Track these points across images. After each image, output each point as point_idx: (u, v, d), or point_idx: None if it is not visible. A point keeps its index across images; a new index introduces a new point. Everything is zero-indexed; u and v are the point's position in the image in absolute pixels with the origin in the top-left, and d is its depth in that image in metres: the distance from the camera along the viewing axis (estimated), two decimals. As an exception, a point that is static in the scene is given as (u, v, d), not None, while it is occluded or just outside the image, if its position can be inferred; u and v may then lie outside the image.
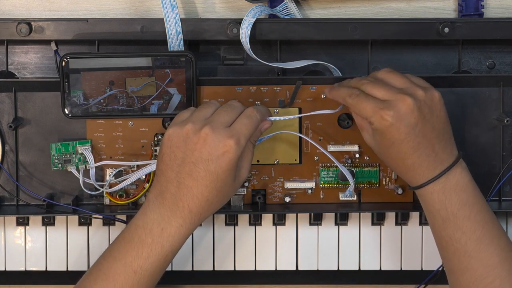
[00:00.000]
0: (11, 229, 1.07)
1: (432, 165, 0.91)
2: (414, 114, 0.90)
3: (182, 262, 1.07)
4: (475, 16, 1.06)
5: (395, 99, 0.91)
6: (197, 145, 0.89)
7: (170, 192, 0.90)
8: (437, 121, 0.92)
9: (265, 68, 1.06)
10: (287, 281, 1.08)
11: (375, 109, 0.91)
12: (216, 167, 0.89)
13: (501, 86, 1.03)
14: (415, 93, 0.91)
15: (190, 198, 0.89)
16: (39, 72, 1.07)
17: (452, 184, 0.92)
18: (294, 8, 1.07)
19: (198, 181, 0.89)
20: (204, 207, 0.90)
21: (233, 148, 0.89)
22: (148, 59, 0.99)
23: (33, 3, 1.08)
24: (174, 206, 0.90)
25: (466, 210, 0.91)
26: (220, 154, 0.89)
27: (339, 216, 1.07)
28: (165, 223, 0.90)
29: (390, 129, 0.90)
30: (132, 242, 0.90)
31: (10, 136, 1.04)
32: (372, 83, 0.93)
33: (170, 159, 0.90)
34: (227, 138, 0.89)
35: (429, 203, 0.93)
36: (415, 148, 0.91)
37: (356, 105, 0.93)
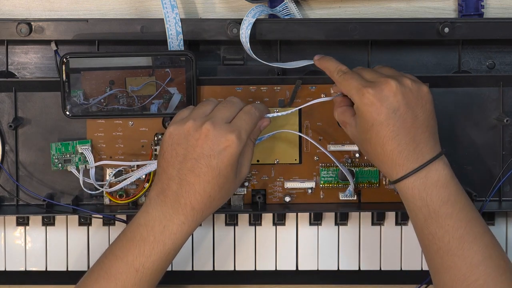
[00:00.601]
0: (11, 229, 1.07)
1: (412, 156, 0.90)
2: (397, 97, 0.90)
3: (182, 262, 1.07)
4: (475, 16, 1.07)
5: (380, 81, 0.91)
6: (198, 141, 0.89)
7: (172, 189, 0.90)
8: (421, 111, 0.91)
9: (265, 68, 1.06)
10: (287, 281, 1.08)
11: (358, 86, 0.91)
12: (218, 162, 0.89)
13: (501, 86, 1.04)
14: (402, 80, 0.91)
15: (193, 195, 0.89)
16: (39, 72, 1.07)
17: (434, 180, 0.90)
18: (294, 8, 1.07)
19: (200, 177, 0.89)
20: (206, 204, 0.90)
21: (235, 142, 0.89)
22: (148, 59, 0.99)
23: (33, 3, 1.08)
24: (176, 203, 0.90)
25: (449, 208, 0.90)
26: (222, 149, 0.89)
27: (339, 216, 1.07)
28: (167, 220, 0.90)
29: (370, 108, 0.90)
30: (134, 240, 0.90)
31: (10, 136, 1.04)
32: (364, 68, 0.95)
33: (172, 156, 0.90)
34: (229, 132, 0.89)
35: (410, 200, 0.92)
36: (395, 132, 0.90)
37: (342, 82, 0.94)
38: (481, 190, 1.03)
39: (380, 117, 0.90)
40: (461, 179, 1.03)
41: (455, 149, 1.04)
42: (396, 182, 0.92)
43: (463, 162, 1.04)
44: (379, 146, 0.91)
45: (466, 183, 1.04)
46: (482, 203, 1.01)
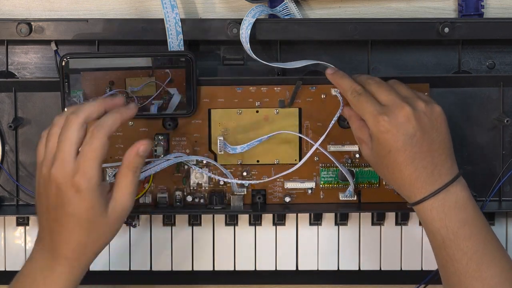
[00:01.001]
0: (11, 229, 1.07)
1: (430, 178, 0.90)
2: (412, 123, 0.90)
3: (182, 262, 1.07)
4: (475, 16, 1.07)
5: (394, 106, 0.91)
6: (51, 191, 0.85)
7: (46, 239, 0.87)
8: (436, 134, 0.91)
9: (265, 68, 1.06)
10: (287, 281, 1.08)
11: (373, 113, 0.91)
12: (74, 208, 0.84)
13: (501, 86, 1.04)
14: (415, 103, 0.91)
15: (63, 245, 0.86)
16: (39, 72, 1.07)
17: (452, 201, 0.90)
18: (294, 8, 1.07)
19: (63, 226, 0.85)
20: (79, 251, 0.86)
21: (82, 183, 0.83)
22: (148, 59, 0.99)
23: (33, 3, 1.08)
24: (51, 253, 0.86)
25: (467, 229, 0.90)
26: (72, 195, 0.83)
27: (339, 216, 1.07)
28: (47, 271, 0.86)
29: (386, 136, 0.90)
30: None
31: (10, 136, 1.04)
32: (378, 84, 0.93)
33: (40, 206, 0.87)
34: (73, 176, 0.83)
35: (428, 221, 0.91)
36: (412, 158, 0.90)
37: (356, 104, 0.93)
38: (481, 190, 1.03)
39: (397, 144, 0.90)
40: (461, 179, 1.03)
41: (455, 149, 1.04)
42: (415, 204, 0.92)
43: (463, 162, 1.04)
44: (397, 171, 0.91)
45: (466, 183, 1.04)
46: (482, 203, 1.01)
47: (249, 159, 1.03)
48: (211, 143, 1.02)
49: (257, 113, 1.02)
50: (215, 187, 1.03)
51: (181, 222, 1.07)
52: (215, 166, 1.02)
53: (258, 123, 1.02)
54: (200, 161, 1.02)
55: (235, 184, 1.02)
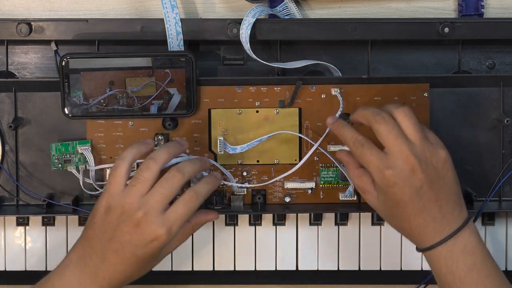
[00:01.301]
0: (11, 229, 1.07)
1: (439, 227, 0.90)
2: (418, 176, 0.89)
3: (182, 262, 1.07)
4: (475, 16, 1.06)
5: (400, 158, 0.88)
6: (128, 228, 0.88)
7: (93, 262, 0.89)
8: (443, 182, 0.90)
9: (265, 68, 1.06)
10: (287, 281, 1.08)
11: (378, 166, 0.89)
12: (143, 252, 0.89)
13: (501, 86, 1.03)
14: (422, 153, 0.89)
15: (112, 273, 0.89)
16: (39, 72, 1.07)
17: (460, 247, 0.90)
18: (294, 8, 1.07)
19: (123, 261, 0.89)
20: (124, 281, 0.90)
21: (163, 237, 0.88)
22: (148, 59, 0.99)
23: (33, 3, 1.08)
24: (95, 275, 0.89)
25: (474, 275, 0.89)
26: (149, 242, 0.88)
27: (339, 216, 1.07)
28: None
29: (393, 189, 0.89)
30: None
31: (10, 136, 1.04)
32: (385, 125, 0.90)
33: (100, 231, 0.89)
34: (159, 227, 0.88)
35: (435, 267, 0.91)
36: (420, 210, 0.89)
37: (360, 155, 0.91)
38: (481, 190, 1.03)
39: (404, 198, 0.89)
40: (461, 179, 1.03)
41: (455, 149, 1.04)
42: (423, 251, 0.91)
43: (463, 162, 1.04)
44: (405, 222, 0.91)
45: (466, 183, 1.04)
46: (482, 203, 1.01)
47: (249, 159, 1.03)
48: (211, 143, 1.02)
49: (257, 113, 1.02)
50: (215, 187, 1.03)
51: (181, 222, 1.07)
52: (215, 166, 1.02)
53: (258, 123, 1.02)
54: (200, 161, 1.02)
55: (235, 185, 1.02)
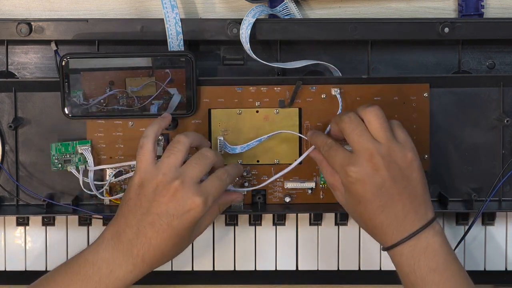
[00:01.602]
0: (11, 229, 1.07)
1: (401, 226, 0.90)
2: (381, 173, 0.90)
3: (182, 262, 1.07)
4: (475, 16, 1.07)
5: (363, 155, 0.90)
6: (165, 198, 0.89)
7: (127, 236, 0.90)
8: (408, 182, 0.91)
9: (265, 68, 1.06)
10: (287, 281, 1.08)
11: (342, 164, 0.91)
12: (179, 223, 0.89)
13: (501, 86, 1.03)
14: (387, 152, 0.90)
15: (146, 248, 0.90)
16: (39, 72, 1.07)
17: (422, 248, 0.90)
18: (294, 8, 1.07)
19: (158, 233, 0.89)
20: (157, 259, 0.91)
21: (200, 207, 0.90)
22: (148, 59, 0.99)
23: (33, 3, 1.08)
24: (128, 251, 0.90)
25: (436, 276, 0.89)
26: (186, 211, 0.89)
27: (339, 216, 1.07)
28: (115, 265, 0.90)
29: (355, 186, 0.90)
30: (79, 275, 0.90)
31: (10, 136, 1.04)
32: (349, 123, 0.92)
33: (136, 206, 0.90)
34: (196, 195, 0.89)
35: (398, 265, 0.92)
36: (382, 207, 0.90)
37: (328, 157, 0.94)
38: (481, 190, 1.03)
39: (367, 195, 0.90)
40: (461, 179, 1.03)
41: (455, 149, 1.04)
42: (387, 250, 0.92)
43: (463, 162, 1.04)
44: (368, 219, 0.92)
45: (466, 183, 1.04)
46: (482, 203, 1.01)
47: (249, 159, 1.03)
48: (211, 143, 1.02)
49: (257, 113, 1.02)
50: (215, 187, 1.03)
51: (181, 222, 1.07)
52: None
53: (258, 123, 1.02)
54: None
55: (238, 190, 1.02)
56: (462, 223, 1.07)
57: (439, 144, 1.04)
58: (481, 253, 1.07)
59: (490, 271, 1.08)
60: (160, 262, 0.92)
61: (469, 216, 1.07)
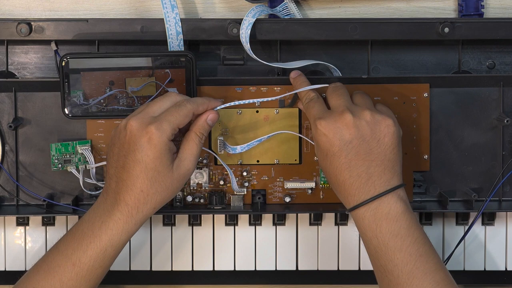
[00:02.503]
0: (11, 229, 1.07)
1: (364, 187, 0.91)
2: (350, 130, 0.91)
3: (182, 262, 1.07)
4: (475, 16, 1.06)
5: (336, 111, 0.92)
6: (125, 138, 0.90)
7: (111, 188, 0.91)
8: (377, 145, 0.92)
9: (265, 68, 1.06)
10: (287, 281, 1.08)
11: (314, 116, 0.93)
12: (143, 155, 0.89)
13: (501, 86, 1.03)
14: (361, 112, 0.92)
15: (125, 191, 0.90)
16: (39, 72, 1.07)
17: (384, 212, 0.91)
18: (294, 8, 1.07)
19: (130, 172, 0.90)
20: (140, 199, 0.90)
21: (155, 133, 0.89)
22: (148, 59, 0.99)
23: (33, 3, 1.08)
24: (114, 200, 0.91)
25: (398, 241, 0.90)
26: (144, 142, 0.89)
27: (339, 216, 1.07)
28: (105, 216, 0.91)
29: (323, 139, 0.92)
30: (75, 235, 0.92)
31: (10, 136, 1.04)
32: (333, 87, 0.96)
33: (110, 157, 0.92)
34: (148, 124, 0.89)
35: (361, 230, 0.92)
36: (347, 164, 0.91)
37: (306, 109, 0.97)
38: (481, 190, 1.03)
39: (333, 148, 0.91)
40: (461, 179, 1.03)
41: (455, 149, 1.04)
42: (349, 211, 0.92)
43: (463, 162, 1.04)
44: (333, 175, 0.93)
45: (466, 183, 1.04)
46: (482, 203, 1.01)
47: (249, 159, 1.03)
48: (211, 143, 1.02)
49: (257, 113, 1.02)
50: (215, 187, 1.04)
51: (181, 222, 1.07)
52: (215, 166, 1.02)
53: (258, 123, 1.02)
54: (200, 161, 1.02)
55: (235, 184, 1.02)
56: (462, 223, 1.07)
57: (439, 144, 1.04)
58: (481, 253, 1.07)
59: (490, 271, 1.08)
60: (146, 202, 0.91)
61: (469, 216, 1.07)
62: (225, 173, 1.03)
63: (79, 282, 0.91)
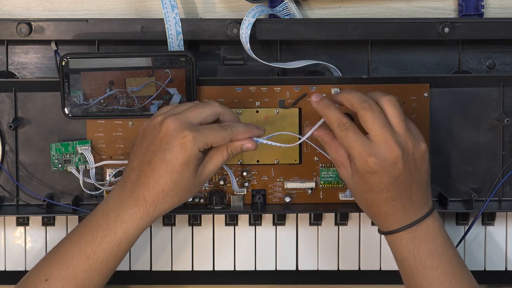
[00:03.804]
0: (11, 229, 1.07)
1: (406, 214, 0.91)
2: (399, 166, 0.90)
3: (182, 262, 1.07)
4: (475, 16, 1.06)
5: (385, 147, 0.89)
6: (159, 135, 0.90)
7: (131, 180, 0.91)
8: (419, 173, 0.92)
9: (265, 68, 1.06)
10: (287, 281, 1.08)
11: (362, 152, 0.90)
12: (172, 157, 0.89)
13: (501, 86, 1.03)
14: (405, 144, 0.90)
15: (146, 187, 0.90)
16: (39, 72, 1.07)
17: (422, 233, 0.91)
18: (294, 8, 1.07)
19: (155, 169, 0.90)
20: (158, 198, 0.90)
21: (190, 141, 0.88)
22: (148, 59, 0.99)
23: (33, 3, 1.08)
24: (132, 193, 0.91)
25: (435, 260, 0.91)
26: (177, 145, 0.89)
27: (339, 216, 1.07)
28: (121, 209, 0.91)
29: (372, 176, 0.90)
30: (89, 226, 0.91)
31: (10, 136, 1.04)
32: (371, 113, 0.90)
33: (138, 149, 0.92)
34: (187, 129, 0.89)
35: (397, 250, 0.92)
36: (392, 197, 0.91)
37: (344, 138, 0.91)
38: (481, 190, 1.03)
39: (381, 185, 0.90)
40: (461, 179, 1.03)
41: (455, 149, 1.04)
42: (386, 234, 0.93)
43: (463, 162, 1.04)
44: (375, 206, 0.92)
45: (466, 183, 1.04)
46: (482, 203, 1.01)
47: (249, 159, 1.03)
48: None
49: (257, 113, 1.02)
50: (215, 187, 1.04)
51: (181, 222, 1.07)
52: None
53: (258, 123, 1.02)
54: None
55: (235, 184, 1.02)
56: (462, 223, 1.07)
57: (439, 144, 1.04)
58: (481, 253, 1.07)
59: (490, 271, 1.08)
60: (164, 202, 0.91)
61: (469, 216, 1.07)
62: (225, 173, 1.03)
63: (92, 274, 0.91)
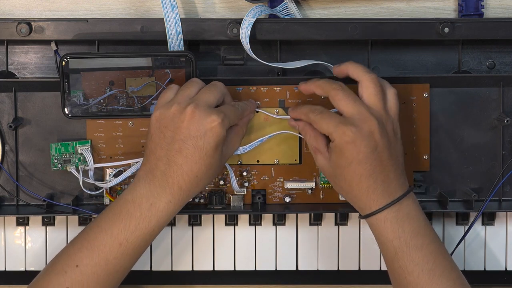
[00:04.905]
0: (11, 229, 1.07)
1: (386, 191, 0.92)
2: (376, 136, 0.91)
3: (182, 262, 1.07)
4: (475, 16, 1.06)
5: (361, 118, 0.91)
6: (184, 123, 0.91)
7: (160, 169, 0.92)
8: (394, 151, 0.93)
9: (265, 68, 1.06)
10: (287, 281, 1.08)
11: (338, 124, 0.91)
12: (205, 143, 0.91)
13: (501, 86, 1.04)
14: (380, 118, 0.92)
15: (180, 175, 0.91)
16: (39, 72, 1.07)
17: (405, 212, 0.92)
18: (294, 8, 1.07)
19: (188, 157, 0.91)
20: (193, 184, 0.92)
21: (219, 123, 0.91)
22: (148, 59, 0.99)
23: (33, 3, 1.08)
24: (164, 182, 0.91)
25: (419, 240, 0.91)
26: (208, 130, 0.91)
27: (339, 216, 1.07)
28: (154, 198, 0.91)
29: (349, 146, 0.91)
30: (120, 214, 0.92)
31: (10, 136, 1.04)
32: (342, 91, 0.93)
33: (160, 138, 0.92)
34: (213, 114, 0.91)
35: (382, 233, 0.93)
36: (371, 171, 0.91)
37: (319, 120, 0.93)
38: (481, 190, 1.03)
39: (359, 156, 0.91)
40: (461, 179, 1.03)
41: (455, 149, 1.04)
42: (369, 216, 0.93)
43: (463, 162, 1.04)
44: (354, 183, 0.92)
45: (466, 183, 1.04)
46: (482, 203, 1.01)
47: (249, 159, 1.03)
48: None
49: (257, 113, 1.02)
50: (215, 187, 1.04)
51: (181, 222, 1.07)
52: None
53: (258, 123, 1.02)
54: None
55: (235, 183, 1.02)
56: (462, 223, 1.07)
57: (439, 144, 1.04)
58: (481, 253, 1.07)
59: (490, 271, 1.08)
60: (197, 187, 0.93)
61: (469, 216, 1.07)
62: (225, 173, 1.03)
63: (123, 260, 0.92)
